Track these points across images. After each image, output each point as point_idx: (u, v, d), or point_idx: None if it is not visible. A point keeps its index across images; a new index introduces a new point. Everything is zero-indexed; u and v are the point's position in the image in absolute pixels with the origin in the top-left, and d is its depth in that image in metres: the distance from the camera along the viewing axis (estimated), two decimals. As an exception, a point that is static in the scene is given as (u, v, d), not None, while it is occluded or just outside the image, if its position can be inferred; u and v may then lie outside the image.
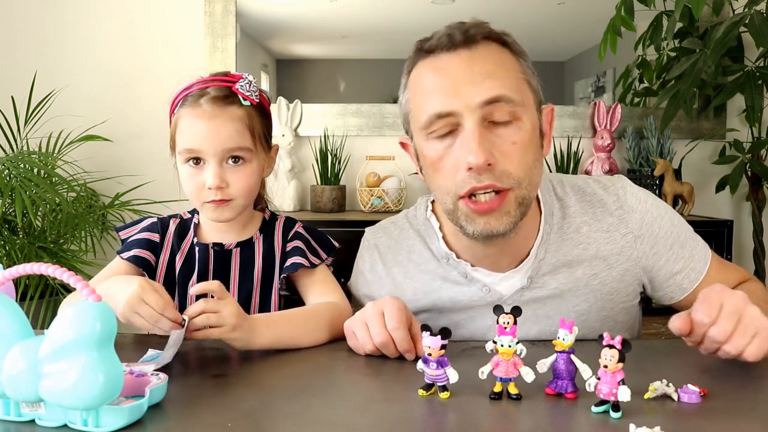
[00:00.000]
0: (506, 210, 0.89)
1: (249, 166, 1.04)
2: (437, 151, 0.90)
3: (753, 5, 2.04)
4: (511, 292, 1.00)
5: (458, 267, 1.02)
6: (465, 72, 0.88)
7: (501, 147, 0.87)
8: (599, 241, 1.01)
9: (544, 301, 1.00)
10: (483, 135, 0.86)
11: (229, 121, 1.01)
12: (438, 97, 0.88)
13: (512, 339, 0.71)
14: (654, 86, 2.42)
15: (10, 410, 0.66)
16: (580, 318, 1.00)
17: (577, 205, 1.03)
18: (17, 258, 1.94)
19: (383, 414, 0.69)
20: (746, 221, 2.44)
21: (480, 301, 1.01)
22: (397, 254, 1.07)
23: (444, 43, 0.90)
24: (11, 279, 0.66)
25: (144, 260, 1.08)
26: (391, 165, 2.38)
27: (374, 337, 0.85)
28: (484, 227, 0.90)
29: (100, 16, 2.43)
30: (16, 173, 1.94)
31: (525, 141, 0.89)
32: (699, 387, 0.72)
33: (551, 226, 1.01)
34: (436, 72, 0.90)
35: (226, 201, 1.03)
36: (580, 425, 0.66)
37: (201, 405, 0.71)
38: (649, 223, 1.02)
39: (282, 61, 2.61)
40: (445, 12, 2.46)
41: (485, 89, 0.86)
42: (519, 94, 0.89)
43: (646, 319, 1.20)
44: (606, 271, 1.01)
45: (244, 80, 1.05)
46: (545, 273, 1.00)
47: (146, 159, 2.35)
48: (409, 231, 1.08)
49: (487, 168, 0.86)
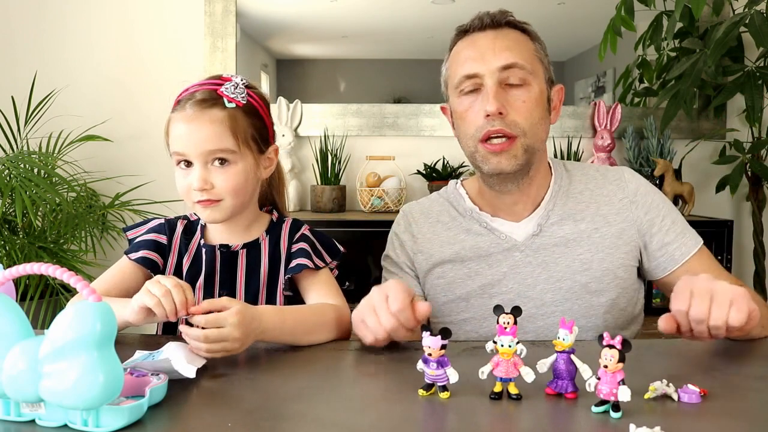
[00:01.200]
0: (513, 153, 1.09)
1: (234, 167, 1.04)
2: (464, 106, 1.12)
3: (753, 5, 2.04)
4: (524, 238, 1.15)
5: (480, 218, 1.19)
6: (489, 45, 1.11)
7: (513, 103, 1.09)
8: (599, 202, 1.17)
9: (552, 249, 1.14)
10: (498, 92, 1.08)
11: (208, 123, 1.03)
12: (468, 63, 1.11)
13: (512, 339, 0.71)
14: (654, 86, 2.42)
15: (10, 410, 0.66)
16: (583, 266, 1.13)
17: (582, 176, 1.21)
18: (17, 258, 1.94)
19: (383, 414, 0.69)
20: (746, 221, 2.44)
21: (497, 248, 1.16)
22: (427, 217, 1.24)
23: (476, 25, 1.14)
24: (11, 279, 0.66)
25: (151, 262, 1.09)
26: (391, 165, 2.38)
27: (385, 324, 0.90)
28: (496, 165, 1.10)
29: (100, 17, 2.43)
30: (16, 173, 1.94)
31: (532, 101, 1.10)
32: (699, 387, 0.72)
33: (560, 187, 1.19)
34: (468, 46, 1.13)
35: (214, 201, 1.04)
36: (580, 425, 0.66)
37: (201, 405, 0.71)
38: (643, 194, 1.18)
39: (282, 61, 2.61)
40: (445, 12, 2.46)
41: (503, 58, 1.09)
42: (530, 64, 1.10)
43: (646, 319, 1.21)
44: (606, 227, 1.15)
45: (231, 82, 1.07)
46: (553, 223, 1.16)
47: (146, 159, 2.35)
48: (440, 200, 1.26)
49: (499, 116, 1.07)
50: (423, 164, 2.37)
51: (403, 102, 2.50)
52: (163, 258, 1.11)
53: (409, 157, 2.41)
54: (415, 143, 2.46)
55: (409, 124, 2.45)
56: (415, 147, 2.44)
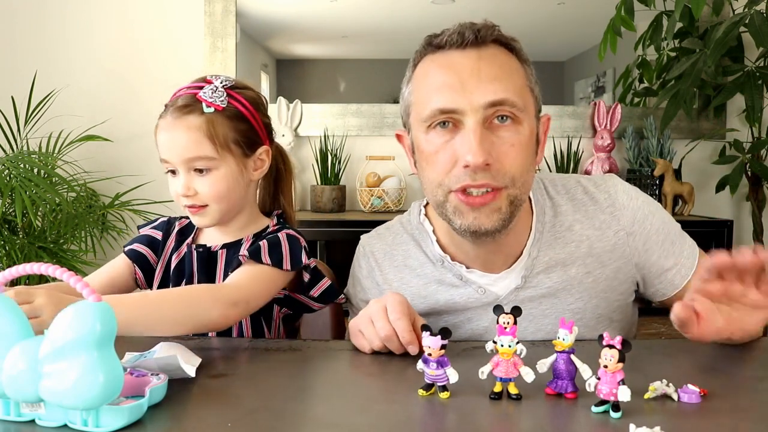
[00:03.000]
0: (497, 206, 0.90)
1: (215, 173, 1.03)
2: (435, 145, 0.91)
3: (753, 5, 2.04)
4: (506, 293, 1.01)
5: (453, 269, 1.02)
6: (473, 72, 0.89)
7: (500, 148, 0.89)
8: (591, 239, 1.02)
9: (540, 300, 1.01)
10: (484, 135, 0.88)
11: (184, 131, 1.01)
12: (444, 92, 0.89)
13: (512, 339, 0.71)
14: (654, 86, 2.42)
15: (10, 410, 0.66)
16: (575, 316, 1.00)
17: (568, 204, 1.04)
18: (17, 258, 1.94)
19: (383, 414, 0.69)
20: (746, 221, 2.44)
21: (476, 303, 1.02)
22: (392, 260, 1.07)
23: (454, 41, 0.91)
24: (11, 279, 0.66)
25: (140, 255, 1.11)
26: (391, 165, 2.38)
27: (379, 331, 0.84)
28: (473, 222, 0.91)
29: (100, 16, 2.43)
30: (16, 173, 1.94)
31: (523, 144, 0.91)
32: (699, 387, 0.71)
33: (543, 225, 1.02)
34: (443, 68, 0.91)
35: (200, 207, 1.05)
36: (580, 425, 0.66)
37: (201, 405, 0.71)
38: (641, 220, 1.03)
39: (282, 61, 2.61)
40: (445, 12, 2.46)
41: (491, 92, 0.88)
42: (522, 99, 0.91)
43: (646, 319, 1.21)
44: (599, 269, 1.02)
45: (211, 86, 1.04)
46: (539, 272, 1.01)
47: (146, 159, 2.35)
48: (403, 236, 1.08)
49: (484, 167, 0.88)
50: (423, 164, 2.36)
51: (403, 102, 2.50)
52: (156, 254, 1.13)
53: (409, 157, 2.40)
54: (415, 143, 2.45)
55: (409, 124, 2.45)
56: (415, 147, 2.44)
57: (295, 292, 1.10)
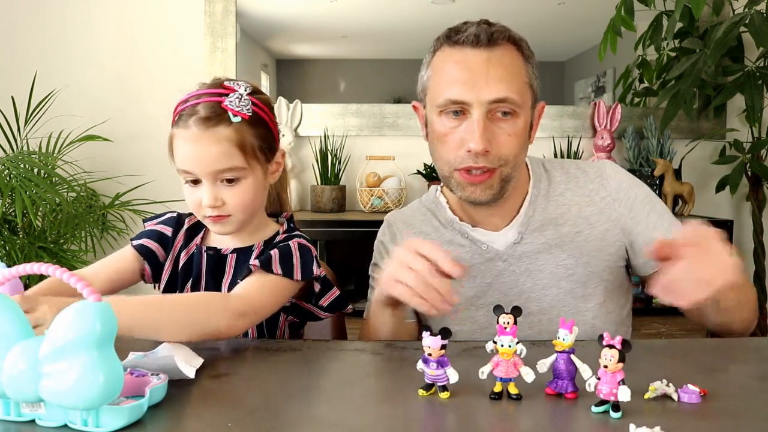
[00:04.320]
0: (490, 184, 1.08)
1: (244, 182, 1.01)
2: (445, 128, 1.08)
3: (753, 5, 2.04)
4: (504, 247, 1.14)
5: (461, 229, 1.17)
6: (482, 71, 1.04)
7: (498, 137, 1.05)
8: (581, 204, 1.15)
9: (535, 256, 1.13)
10: (486, 126, 1.04)
11: (214, 143, 0.98)
12: (456, 86, 1.05)
13: (512, 339, 0.71)
14: (654, 86, 2.42)
15: (10, 410, 0.66)
16: (567, 271, 1.11)
17: (562, 176, 1.18)
18: (17, 258, 1.94)
19: (383, 414, 0.69)
20: (746, 221, 2.44)
21: (480, 258, 1.14)
22: (410, 228, 1.22)
23: (471, 40, 1.05)
24: (11, 279, 0.66)
25: (149, 251, 1.09)
26: (391, 165, 2.38)
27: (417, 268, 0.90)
28: (471, 194, 1.09)
29: (100, 16, 2.43)
30: (16, 173, 1.94)
31: (518, 133, 1.07)
32: (699, 387, 0.72)
33: (539, 191, 1.16)
34: (458, 64, 1.06)
35: (224, 216, 1.02)
36: (580, 425, 0.66)
37: (201, 405, 0.71)
38: (626, 189, 1.15)
39: (282, 61, 2.61)
40: (445, 12, 2.46)
41: (495, 90, 1.03)
42: (521, 97, 1.06)
43: (646, 319, 1.21)
44: (588, 229, 1.13)
45: (235, 94, 1.01)
46: (534, 229, 1.14)
47: (146, 159, 2.35)
48: (421, 209, 1.24)
49: (484, 153, 1.04)
50: (423, 164, 2.36)
51: (402, 102, 2.50)
52: (165, 250, 1.10)
53: (409, 157, 2.40)
54: (415, 143, 2.43)
55: (409, 124, 2.45)
56: (415, 147, 2.42)
57: (302, 301, 1.08)
